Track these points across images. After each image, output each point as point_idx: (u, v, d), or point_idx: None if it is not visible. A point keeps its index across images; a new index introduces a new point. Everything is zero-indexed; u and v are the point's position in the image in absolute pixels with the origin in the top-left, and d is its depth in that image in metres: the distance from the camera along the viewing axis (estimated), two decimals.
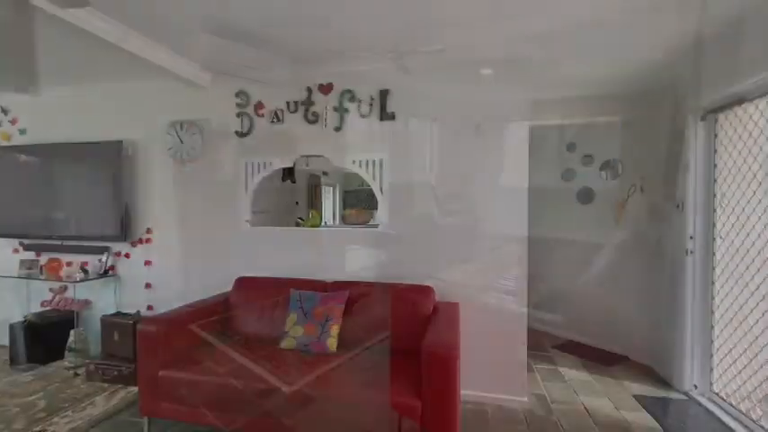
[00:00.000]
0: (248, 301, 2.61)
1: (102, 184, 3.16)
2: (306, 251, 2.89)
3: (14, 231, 3.43)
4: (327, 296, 2.39)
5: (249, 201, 2.99)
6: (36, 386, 2.76)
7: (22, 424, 2.27)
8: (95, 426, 2.28)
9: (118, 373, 2.77)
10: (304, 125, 2.86)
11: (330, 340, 2.25)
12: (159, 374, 2.05)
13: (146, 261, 3.21)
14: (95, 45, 2.35)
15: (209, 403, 1.97)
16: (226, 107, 3.01)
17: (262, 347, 2.32)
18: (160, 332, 2.08)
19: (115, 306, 3.28)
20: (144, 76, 3.06)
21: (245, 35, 2.32)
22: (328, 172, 6.63)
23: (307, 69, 2.81)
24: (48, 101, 3.43)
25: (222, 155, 3.03)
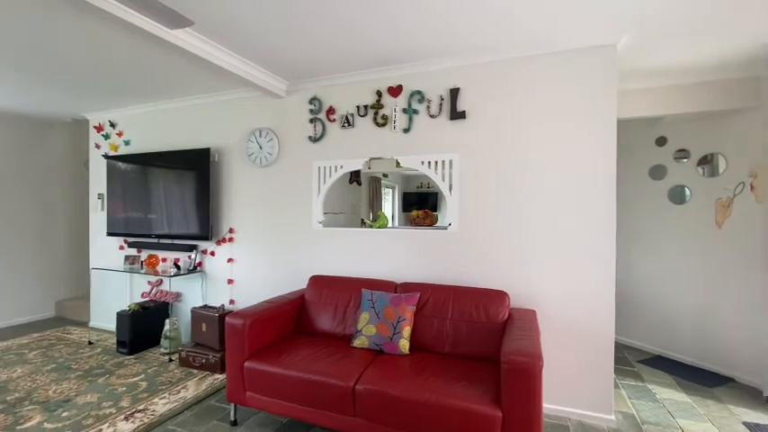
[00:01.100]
0: (322, 299, 2.70)
1: (192, 188, 3.48)
2: (374, 252, 2.93)
3: (120, 230, 3.90)
4: (398, 297, 2.40)
5: (321, 203, 3.11)
6: (138, 368, 3.10)
7: (128, 402, 2.56)
8: (188, 408, 2.50)
9: (205, 361, 3.02)
10: (373, 128, 2.91)
11: (402, 342, 2.25)
12: (244, 365, 2.19)
13: (228, 258, 3.47)
14: (190, 62, 2.60)
15: (288, 396, 2.06)
16: (300, 114, 3.16)
17: (335, 344, 2.39)
18: (245, 325, 2.22)
19: (202, 299, 3.60)
20: (228, 89, 3.32)
21: (321, 45, 2.42)
22: (388, 174, 6.70)
23: (377, 72, 2.85)
24: (147, 114, 3.87)
25: (296, 159, 3.19)
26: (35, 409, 2.46)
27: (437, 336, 2.33)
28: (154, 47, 2.46)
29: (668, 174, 3.47)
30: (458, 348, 2.29)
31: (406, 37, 2.33)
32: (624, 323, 3.72)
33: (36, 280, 4.51)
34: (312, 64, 2.75)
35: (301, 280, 3.16)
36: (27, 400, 2.58)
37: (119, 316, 3.43)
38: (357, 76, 2.92)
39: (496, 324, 2.26)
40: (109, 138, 4.08)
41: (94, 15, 1.93)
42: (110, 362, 3.23)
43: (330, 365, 2.07)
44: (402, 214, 7.29)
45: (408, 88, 2.79)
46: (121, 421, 2.31)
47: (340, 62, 2.72)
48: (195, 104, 3.61)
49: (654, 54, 2.53)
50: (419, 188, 8.39)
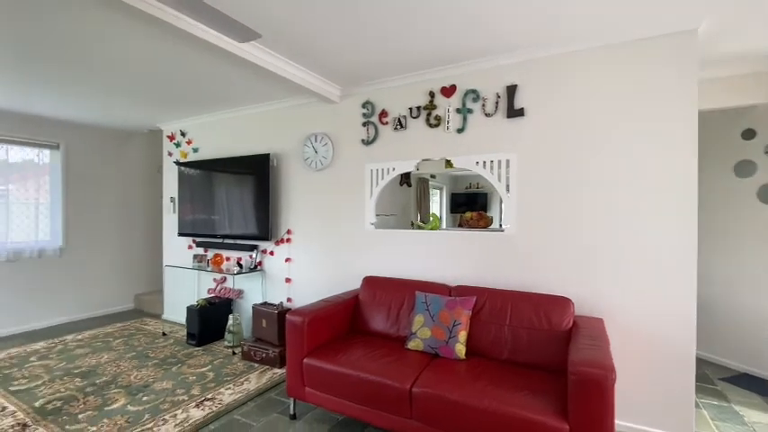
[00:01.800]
0: (375, 300, 2.73)
1: (253, 192, 3.69)
2: (426, 253, 2.91)
3: (189, 231, 4.23)
4: (453, 301, 2.36)
5: (373, 204, 3.15)
6: (205, 360, 3.34)
7: (198, 391, 2.75)
8: (251, 399, 2.64)
9: (265, 356, 3.18)
10: (426, 129, 2.90)
11: (458, 346, 2.21)
12: (303, 362, 2.27)
13: (286, 258, 3.63)
14: (253, 73, 2.75)
15: (345, 394, 2.11)
16: (353, 118, 3.23)
17: (389, 345, 2.41)
18: (304, 323, 2.30)
19: (262, 296, 3.79)
20: (286, 97, 3.48)
21: (374, 50, 2.45)
22: (436, 175, 6.64)
23: (429, 73, 2.84)
24: (213, 123, 4.16)
25: (349, 162, 3.26)
26: (120, 392, 2.73)
27: (495, 342, 2.26)
28: (222, 60, 2.64)
29: (758, 170, 3.09)
30: (517, 356, 2.20)
31: (459, 35, 2.29)
32: (704, 336, 3.37)
33: (118, 275, 5.02)
34: (365, 68, 2.80)
35: (354, 280, 3.22)
36: (113, 383, 2.87)
37: (188, 310, 3.71)
38: (409, 78, 2.92)
39: (560, 332, 2.15)
40: (180, 146, 4.44)
41: (171, 34, 2.11)
42: (181, 352, 3.51)
43: (386, 366, 2.08)
44: (450, 215, 7.18)
45: (462, 87, 2.74)
46: (193, 408, 2.49)
47: (392, 65, 2.74)
48: (256, 113, 3.82)
49: (741, 37, 2.27)
50: (467, 189, 8.22)
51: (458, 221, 5.62)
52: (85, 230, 4.67)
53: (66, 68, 2.81)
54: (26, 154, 4.20)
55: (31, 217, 4.24)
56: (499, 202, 3.62)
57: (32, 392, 2.71)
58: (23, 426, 2.29)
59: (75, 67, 2.77)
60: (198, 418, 2.36)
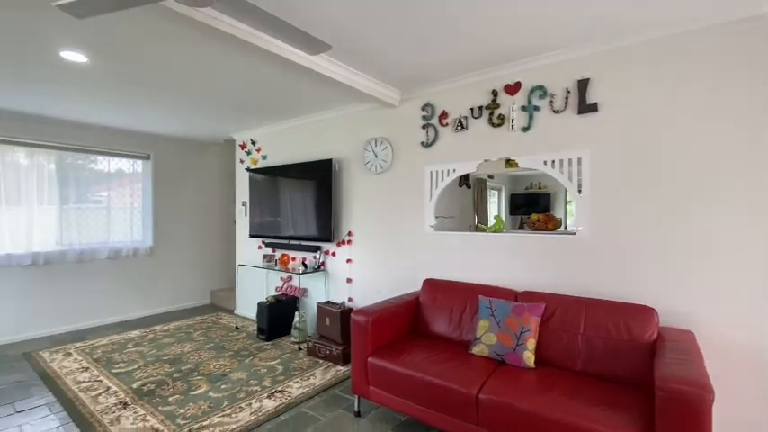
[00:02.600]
0: (436, 302, 2.71)
1: (316, 195, 3.86)
2: (488, 257, 2.83)
3: (259, 233, 4.52)
4: (520, 306, 2.27)
5: (433, 206, 3.14)
6: (274, 354, 3.54)
7: (269, 383, 2.93)
8: (318, 394, 2.75)
9: (329, 353, 3.30)
10: (488, 129, 2.83)
11: (527, 354, 2.12)
12: (368, 361, 2.32)
13: (347, 259, 3.74)
14: (317, 82, 2.88)
15: (409, 395, 2.12)
16: (412, 121, 3.25)
17: (452, 349, 2.38)
18: (368, 322, 2.36)
19: (325, 295, 3.94)
20: (348, 103, 3.59)
21: (434, 52, 2.45)
22: (494, 175, 6.43)
23: (491, 72, 2.77)
24: (280, 131, 4.42)
25: (409, 165, 3.28)
26: (202, 379, 3.00)
27: (567, 351, 2.14)
28: (291, 73, 2.80)
29: None
30: (592, 367, 2.06)
31: (523, 30, 2.20)
32: None
33: (196, 273, 5.51)
34: (426, 71, 2.80)
35: (414, 282, 3.23)
36: (195, 371, 3.15)
37: (259, 306, 3.97)
38: (471, 78, 2.87)
39: (642, 344, 1.97)
40: (250, 153, 4.78)
41: (248, 51, 2.28)
42: (252, 345, 3.76)
43: (451, 370, 2.06)
44: (509, 217, 6.91)
45: (528, 84, 2.64)
46: (266, 399, 2.66)
47: (454, 66, 2.71)
48: (319, 120, 3.99)
49: None
50: (528, 189, 7.85)
51: (518, 224, 5.42)
52: (170, 232, 5.19)
53: (157, 90, 3.16)
54: (123, 165, 4.79)
55: (127, 220, 4.82)
56: (564, 204, 3.42)
57: (130, 375, 3.07)
58: (124, 404, 2.61)
59: (165, 88, 3.11)
60: (270, 409, 2.52)
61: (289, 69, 2.65)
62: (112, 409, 2.54)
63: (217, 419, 2.39)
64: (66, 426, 2.36)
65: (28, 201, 4.01)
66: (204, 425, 2.33)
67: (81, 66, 2.68)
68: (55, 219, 4.20)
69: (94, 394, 2.74)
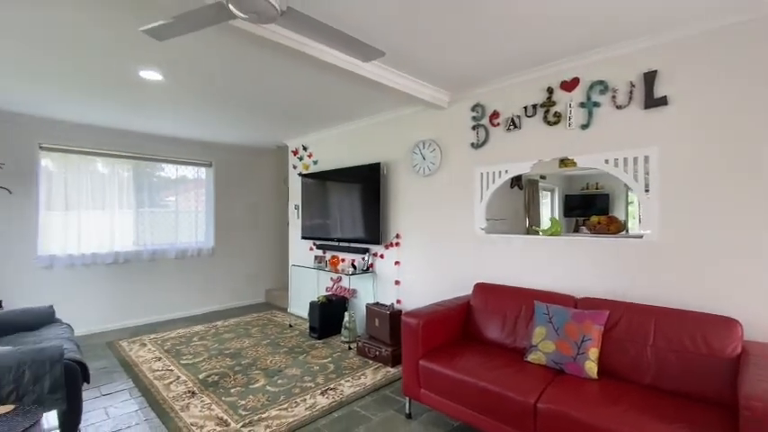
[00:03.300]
0: (489, 307, 2.65)
1: (365, 199, 3.93)
2: (543, 261, 2.72)
3: (310, 235, 4.69)
4: (581, 314, 2.15)
5: (483, 209, 3.07)
6: (326, 352, 3.65)
7: (322, 380, 3.02)
8: (369, 394, 2.80)
9: (379, 354, 3.34)
10: (543, 128, 2.72)
11: (588, 364, 2.01)
12: (419, 363, 2.33)
13: (395, 261, 3.77)
14: (368, 88, 2.94)
15: (462, 400, 2.09)
16: (461, 122, 3.21)
17: (506, 355, 2.31)
18: (419, 325, 2.36)
19: (373, 297, 4.00)
20: (396, 107, 3.63)
21: (485, 52, 2.41)
22: (546, 175, 6.14)
23: (545, 69, 2.67)
24: (330, 137, 4.56)
25: (458, 167, 3.24)
26: (260, 373, 3.16)
27: (634, 363, 2.00)
28: (342, 79, 2.88)
29: None
30: (664, 382, 1.91)
31: (582, 24, 2.10)
32: None
33: (252, 272, 5.82)
34: (475, 71, 2.76)
35: (464, 285, 3.18)
36: (254, 365, 3.33)
37: (311, 305, 4.11)
38: (523, 76, 2.79)
39: (723, 359, 1.79)
40: (302, 159, 4.98)
41: (301, 61, 2.38)
42: (305, 343, 3.90)
43: (506, 377, 2.01)
44: (563, 219, 6.58)
45: (586, 80, 2.51)
46: (319, 395, 2.75)
47: (505, 65, 2.65)
48: (367, 125, 4.07)
49: None
50: (584, 190, 7.40)
51: (573, 226, 5.15)
52: (229, 234, 5.54)
53: (221, 102, 3.39)
54: (189, 172, 5.19)
55: (192, 223, 5.21)
56: (625, 205, 3.20)
57: (197, 366, 3.32)
58: (192, 393, 2.82)
59: (228, 100, 3.33)
60: (324, 405, 2.60)
61: (341, 77, 2.73)
62: (182, 397, 2.75)
63: (275, 413, 2.51)
64: (144, 410, 2.59)
65: (110, 205, 4.48)
66: (263, 417, 2.46)
67: (156, 83, 2.95)
68: (132, 222, 4.65)
69: (167, 382, 2.99)
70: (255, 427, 2.34)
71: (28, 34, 2.19)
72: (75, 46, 2.33)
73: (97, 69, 2.69)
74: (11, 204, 3.85)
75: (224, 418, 2.44)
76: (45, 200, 4.06)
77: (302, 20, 1.45)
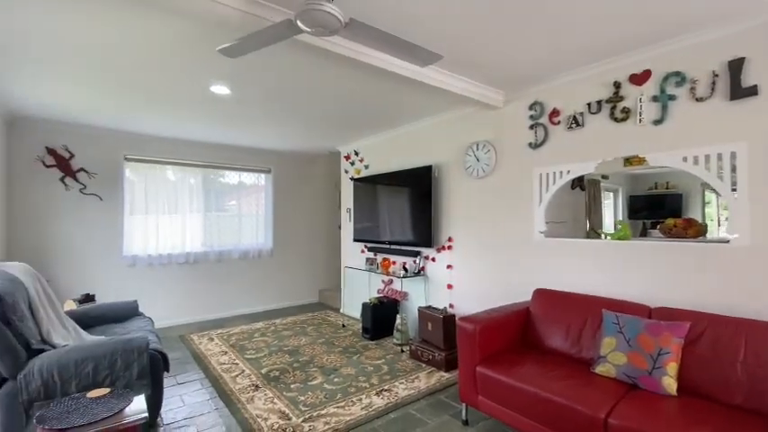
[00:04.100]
0: (550, 314, 2.54)
1: (416, 202, 3.94)
2: (611, 267, 2.55)
3: (362, 237, 4.79)
4: (656, 325, 1.99)
5: (543, 212, 2.95)
6: (379, 353, 3.69)
7: (376, 381, 3.07)
8: (423, 397, 2.79)
9: (432, 358, 3.32)
10: (610, 125, 2.56)
11: (666, 379, 1.85)
12: (477, 370, 2.28)
13: (447, 265, 3.73)
14: (419, 90, 2.95)
15: (523, 410, 2.02)
16: (518, 122, 3.11)
17: (570, 365, 2.19)
18: (476, 330, 2.32)
19: (425, 300, 3.99)
20: (447, 109, 3.60)
21: (542, 48, 2.32)
22: (609, 175, 5.73)
23: (611, 62, 2.51)
24: (381, 141, 4.63)
25: (514, 168, 3.14)
26: (317, 371, 3.27)
27: (720, 381, 1.81)
28: (395, 84, 2.92)
29: None
30: (757, 403, 1.70)
31: (653, 12, 1.94)
32: None
33: (307, 272, 6.05)
34: (533, 68, 2.66)
35: (521, 291, 3.06)
36: (311, 363, 3.46)
37: (363, 306, 4.19)
38: (586, 71, 2.64)
39: None
40: (354, 164, 5.10)
41: (356, 68, 2.45)
42: (358, 343, 3.98)
43: (571, 389, 1.91)
44: (627, 222, 6.10)
45: (660, 71, 2.32)
46: (374, 395, 2.79)
47: (565, 60, 2.53)
48: (418, 128, 4.08)
49: None
50: (652, 190, 6.80)
51: (638, 229, 4.80)
52: (285, 236, 5.81)
53: (280, 112, 3.58)
54: (250, 178, 5.53)
55: (253, 225, 5.54)
56: (701, 206, 2.91)
57: (259, 361, 3.51)
58: (256, 386, 2.98)
59: (287, 109, 3.51)
60: (380, 406, 2.63)
61: (395, 82, 2.77)
62: (247, 389, 2.93)
63: (332, 410, 2.59)
64: (214, 399, 2.80)
65: (182, 210, 4.89)
66: (322, 413, 2.55)
67: (224, 96, 3.19)
68: (200, 225, 5.05)
69: (233, 375, 3.20)
70: (315, 422, 2.43)
71: (118, 60, 2.47)
72: (157, 66, 2.59)
73: (174, 87, 2.96)
74: (101, 210, 4.34)
75: (286, 413, 2.56)
76: (128, 205, 4.54)
77: (364, 30, 1.49)
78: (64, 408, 1.82)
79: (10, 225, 3.88)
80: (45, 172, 4.04)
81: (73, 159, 4.17)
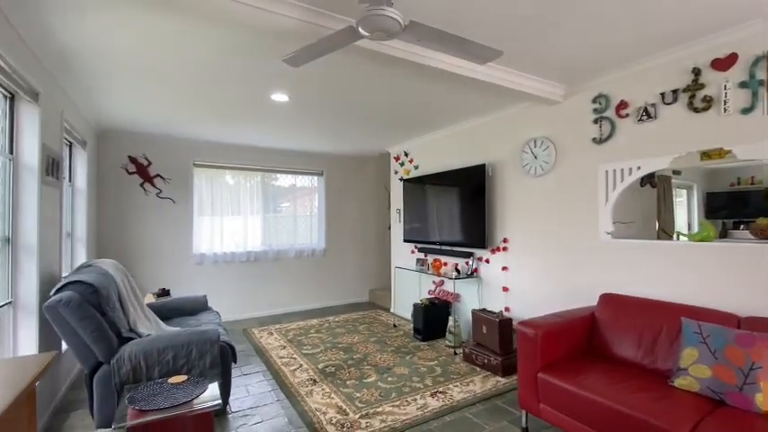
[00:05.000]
0: (619, 321, 2.37)
1: (468, 202, 3.87)
2: (689, 271, 2.33)
3: (412, 238, 4.79)
4: (748, 336, 1.79)
5: (609, 211, 2.76)
6: (431, 354, 3.67)
7: (430, 382, 3.05)
8: (480, 402, 2.73)
9: (487, 362, 3.24)
10: (688, 115, 2.34)
11: (760, 397, 1.66)
12: (538, 376, 2.19)
13: (502, 267, 3.62)
14: (473, 88, 2.90)
15: (592, 422, 1.90)
16: (580, 116, 2.95)
17: (643, 377, 2.04)
18: (537, 336, 2.23)
19: (478, 302, 3.90)
20: (501, 106, 3.50)
21: (606, 36, 2.17)
22: (681, 170, 5.22)
23: (689, 47, 2.29)
24: (431, 141, 4.61)
25: (576, 165, 2.98)
26: (371, 369, 3.33)
27: None
28: (447, 83, 2.90)
29: None
30: None
31: None
32: None
33: (357, 272, 6.17)
34: (597, 59, 2.51)
35: (585, 296, 2.89)
36: (365, 361, 3.52)
37: (415, 307, 4.19)
38: (659, 58, 2.44)
39: None
40: (403, 165, 5.12)
41: (411, 69, 2.46)
42: (410, 344, 3.98)
43: (648, 402, 1.77)
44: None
45: (748, 54, 2.08)
46: (429, 397, 2.78)
47: (634, 48, 2.35)
48: (470, 127, 4.01)
49: None
50: (734, 186, 6.07)
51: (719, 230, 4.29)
52: (337, 236, 5.97)
53: (334, 116, 3.69)
54: (305, 180, 5.75)
55: (307, 226, 5.76)
56: None
57: (316, 357, 3.64)
58: (314, 381, 3.10)
59: (341, 114, 3.61)
60: (435, 407, 2.62)
61: (450, 81, 2.74)
62: (306, 383, 3.05)
63: (388, 408, 2.62)
64: (276, 391, 2.94)
65: (243, 211, 5.21)
66: (378, 411, 2.58)
67: (283, 104, 3.35)
68: (260, 225, 5.34)
69: (292, 369, 3.35)
70: (371, 420, 2.48)
71: (191, 75, 2.69)
72: (225, 80, 2.78)
73: (239, 97, 3.17)
74: (174, 212, 4.75)
75: (343, 408, 2.64)
76: (197, 208, 4.91)
77: (423, 31, 1.50)
78: (150, 391, 2.01)
79: (100, 226, 4.36)
80: (128, 178, 4.49)
81: (150, 166, 4.60)
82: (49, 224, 2.61)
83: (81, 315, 2.16)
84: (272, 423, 2.49)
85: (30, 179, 2.38)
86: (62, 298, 2.13)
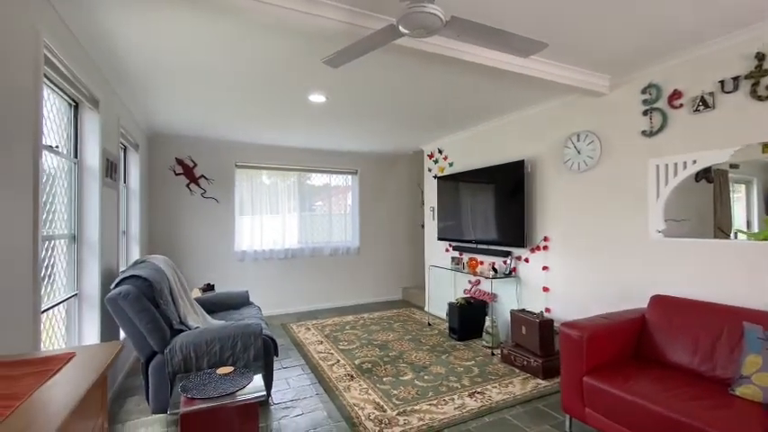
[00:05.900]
0: (673, 325, 2.24)
1: (506, 199, 3.78)
2: (752, 272, 2.15)
3: (447, 236, 4.74)
4: None
5: (661, 208, 2.61)
6: (468, 354, 3.62)
7: (467, 382, 3.01)
8: (520, 404, 2.67)
9: (527, 363, 3.15)
10: (751, 104, 2.17)
11: None
12: (583, 380, 2.11)
13: (543, 266, 3.51)
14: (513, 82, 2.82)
15: (641, 429, 1.81)
16: (628, 108, 2.80)
17: (700, 385, 1.91)
18: (582, 338, 2.14)
19: (517, 302, 3.80)
20: (541, 100, 3.39)
21: (658, 20, 2.04)
22: (738, 164, 4.82)
23: (749, 31, 2.12)
24: (466, 138, 4.53)
25: (623, 159, 2.83)
26: (407, 367, 3.33)
27: None
28: (482, 77, 2.84)
29: None
30: None
31: None
32: None
33: (391, 270, 6.19)
34: (647, 46, 2.36)
35: (633, 297, 2.75)
36: (400, 359, 3.53)
37: (450, 306, 4.14)
38: (718, 44, 2.27)
39: None
40: (438, 162, 5.08)
41: (449, 66, 2.43)
42: (445, 343, 3.95)
43: (706, 411, 1.66)
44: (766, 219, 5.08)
45: None
46: (467, 397, 2.75)
47: (690, 32, 2.20)
48: (507, 122, 3.91)
49: None
50: None
51: None
52: (370, 234, 6.02)
53: (371, 116, 3.72)
54: (339, 179, 5.84)
55: (342, 224, 5.85)
56: None
57: (352, 353, 3.69)
58: (351, 376, 3.15)
59: (376, 113, 3.63)
60: (473, 408, 2.59)
61: (488, 76, 2.69)
62: (343, 378, 3.10)
63: (425, 407, 2.62)
64: (315, 385, 3.02)
65: (281, 210, 5.37)
66: (415, 409, 2.59)
67: (320, 105, 3.42)
68: (296, 223, 5.48)
69: (329, 364, 3.42)
70: (409, 417, 2.48)
71: (235, 81, 2.80)
72: (267, 82, 2.87)
73: (278, 99, 3.26)
74: (218, 211, 4.97)
75: (380, 404, 2.66)
76: (238, 207, 5.12)
77: (465, 26, 1.48)
78: (200, 380, 2.13)
79: (151, 224, 4.65)
80: (175, 179, 4.75)
81: (196, 168, 4.84)
82: (108, 223, 2.81)
83: (138, 307, 2.31)
84: (311, 416, 2.55)
85: (92, 181, 2.58)
86: (121, 291, 2.30)
